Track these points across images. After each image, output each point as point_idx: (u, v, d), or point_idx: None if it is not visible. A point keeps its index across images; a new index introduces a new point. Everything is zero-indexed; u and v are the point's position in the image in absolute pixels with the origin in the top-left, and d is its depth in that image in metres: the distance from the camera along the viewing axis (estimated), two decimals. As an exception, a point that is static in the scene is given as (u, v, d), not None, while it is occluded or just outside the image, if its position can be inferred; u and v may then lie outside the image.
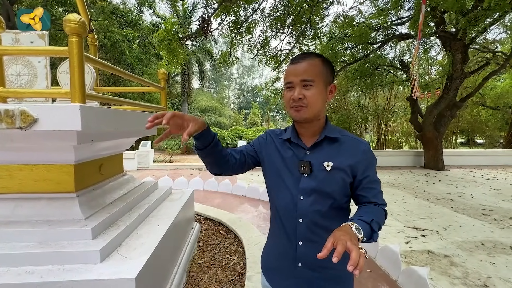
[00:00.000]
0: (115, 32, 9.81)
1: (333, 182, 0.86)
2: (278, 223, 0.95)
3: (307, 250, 0.88)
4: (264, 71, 48.23)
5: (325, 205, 0.87)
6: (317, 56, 0.87)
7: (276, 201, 0.96)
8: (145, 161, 8.36)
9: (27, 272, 1.27)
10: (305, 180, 0.88)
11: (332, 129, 0.91)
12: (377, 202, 0.87)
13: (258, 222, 3.55)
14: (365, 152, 0.89)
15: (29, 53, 1.44)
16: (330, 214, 0.87)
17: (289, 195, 0.90)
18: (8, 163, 1.58)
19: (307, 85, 0.83)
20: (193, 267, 2.32)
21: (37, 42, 1.83)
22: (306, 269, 0.89)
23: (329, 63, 0.89)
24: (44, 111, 1.23)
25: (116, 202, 1.89)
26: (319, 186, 0.86)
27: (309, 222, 0.88)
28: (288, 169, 0.91)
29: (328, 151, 0.89)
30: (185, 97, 17.81)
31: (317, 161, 0.87)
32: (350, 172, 0.86)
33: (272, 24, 4.46)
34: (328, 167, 0.86)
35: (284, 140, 0.95)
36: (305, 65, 0.84)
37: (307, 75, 0.83)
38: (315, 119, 0.89)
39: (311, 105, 0.84)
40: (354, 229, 0.71)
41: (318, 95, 0.84)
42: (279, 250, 0.96)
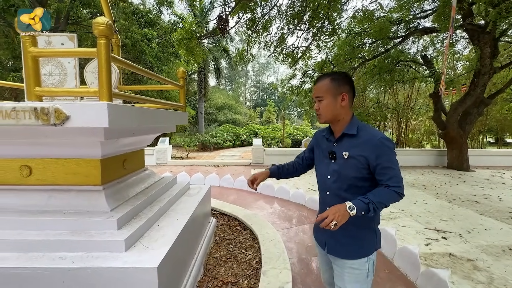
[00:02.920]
0: (136, 32, 10.13)
1: (349, 167, 1.18)
2: (319, 194, 1.37)
3: None
4: (280, 69, 47.88)
5: (343, 183, 1.20)
6: (328, 76, 1.21)
7: (317, 179, 1.37)
8: (163, 157, 8.61)
9: (60, 257, 1.38)
10: (331, 165, 1.25)
11: (351, 127, 1.21)
12: (388, 184, 1.13)
13: (273, 219, 3.58)
14: (377, 144, 1.14)
15: (63, 55, 1.55)
16: (348, 190, 1.20)
17: (322, 175, 1.31)
18: (43, 157, 1.70)
19: (319, 99, 1.22)
20: (210, 260, 2.39)
21: (67, 44, 1.95)
22: None
23: (339, 79, 1.20)
24: (75, 108, 1.31)
25: (138, 195, 1.99)
26: (339, 170, 1.21)
27: (333, 195, 1.25)
28: (323, 156, 1.32)
29: (346, 144, 1.21)
30: (201, 95, 18.11)
31: (339, 151, 1.22)
32: (364, 160, 1.15)
33: (289, 21, 4.42)
34: (346, 156, 1.19)
35: (323, 136, 1.35)
36: (317, 85, 1.24)
37: (318, 93, 1.22)
38: (334, 121, 1.24)
39: (324, 113, 1.23)
40: (347, 207, 1.07)
41: (327, 105, 1.21)
42: (319, 212, 1.35)
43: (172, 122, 2.37)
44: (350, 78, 1.23)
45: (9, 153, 1.69)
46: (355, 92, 1.25)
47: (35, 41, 1.37)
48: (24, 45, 1.32)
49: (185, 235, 1.87)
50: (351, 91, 1.21)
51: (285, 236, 3.03)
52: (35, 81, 1.35)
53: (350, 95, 1.20)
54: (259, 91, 46.24)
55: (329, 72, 1.29)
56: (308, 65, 6.75)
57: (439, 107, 8.65)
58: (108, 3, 2.63)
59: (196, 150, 13.69)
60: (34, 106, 1.29)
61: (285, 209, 4.07)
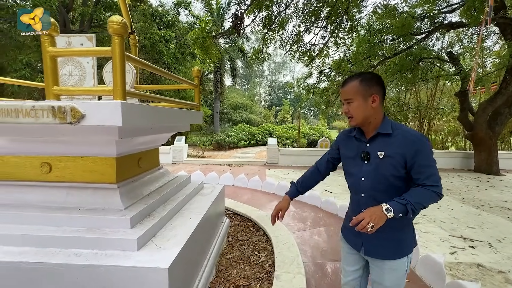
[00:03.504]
0: (154, 33, 10.38)
1: (385, 167, 1.16)
2: (351, 196, 1.36)
3: None
4: (296, 68, 47.42)
5: (380, 184, 1.18)
6: (357, 77, 1.18)
7: (347, 181, 1.35)
8: (179, 156, 8.76)
9: (75, 254, 1.40)
10: (365, 166, 1.22)
11: (385, 126, 1.19)
12: (425, 184, 1.10)
13: (287, 221, 3.51)
14: (413, 142, 1.11)
15: (79, 54, 1.57)
16: (385, 191, 1.17)
17: (354, 177, 1.27)
18: (61, 154, 1.75)
19: (348, 102, 1.21)
20: (222, 261, 2.37)
21: (86, 44, 2.00)
22: None
23: (368, 80, 1.17)
24: (90, 107, 1.32)
25: (152, 194, 2.00)
26: (374, 170, 1.18)
27: (368, 197, 1.22)
28: (354, 158, 1.28)
29: (381, 143, 1.18)
30: (217, 95, 18.27)
31: (373, 151, 1.19)
32: (401, 159, 1.12)
33: (305, 18, 4.32)
34: (381, 156, 1.16)
35: (352, 136, 1.30)
36: (345, 88, 1.21)
37: (347, 95, 1.20)
38: (365, 122, 1.21)
39: (354, 115, 1.20)
40: (384, 209, 1.04)
41: (357, 107, 1.18)
42: (351, 214, 1.33)
43: (186, 121, 2.37)
44: (380, 78, 1.20)
45: (31, 151, 1.75)
46: (385, 92, 1.22)
47: (53, 41, 1.39)
48: (43, 45, 1.35)
49: (198, 235, 1.85)
50: (381, 91, 1.19)
51: (299, 239, 2.96)
52: (54, 80, 1.38)
53: (381, 95, 1.18)
54: (274, 90, 46.03)
55: (358, 72, 1.26)
56: (325, 63, 6.59)
57: (466, 106, 8.14)
58: (126, 4, 2.67)
59: (211, 149, 13.83)
60: (52, 105, 1.31)
61: (299, 211, 3.98)
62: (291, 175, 7.04)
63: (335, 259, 2.56)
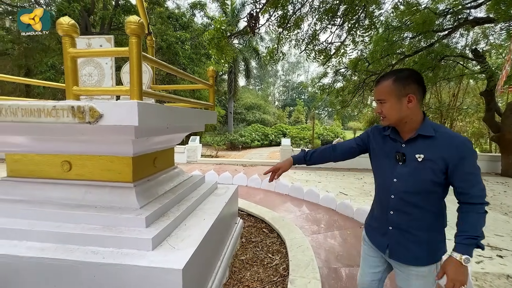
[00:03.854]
0: (170, 35, 10.59)
1: (423, 171, 1.09)
2: (378, 196, 1.30)
3: (397, 218, 1.19)
4: (310, 68, 46.91)
5: (414, 188, 1.12)
6: (390, 76, 1.13)
7: (376, 180, 1.31)
8: (194, 155, 8.87)
9: (92, 252, 1.42)
10: (399, 167, 1.16)
11: (427, 128, 1.11)
12: (472, 202, 1.05)
13: (301, 223, 3.44)
14: (458, 146, 1.04)
15: (97, 55, 1.60)
16: (418, 195, 1.12)
17: (385, 177, 1.22)
18: (81, 153, 1.79)
19: (381, 102, 1.16)
20: (235, 262, 2.35)
21: (105, 45, 2.04)
22: (395, 232, 1.20)
23: (403, 79, 1.10)
24: (108, 107, 1.34)
25: (167, 193, 2.01)
26: (410, 173, 1.12)
27: (399, 199, 1.16)
28: (387, 157, 1.22)
29: (421, 145, 1.11)
30: (231, 95, 18.38)
31: (411, 153, 1.13)
32: (442, 164, 1.06)
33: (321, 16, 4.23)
34: (420, 158, 1.10)
35: (386, 136, 1.24)
36: (378, 87, 1.17)
37: (380, 96, 1.16)
38: (400, 123, 1.16)
39: (388, 116, 1.15)
40: (464, 262, 1.01)
41: (390, 108, 1.13)
42: (377, 214, 1.31)
43: (201, 121, 2.37)
44: (418, 76, 1.12)
45: (52, 149, 1.81)
46: (425, 90, 1.14)
47: (74, 43, 1.42)
48: (64, 46, 1.38)
49: (212, 235, 1.84)
50: (419, 89, 1.11)
51: (314, 242, 2.88)
52: (74, 81, 1.41)
53: (418, 95, 1.11)
54: (288, 90, 45.76)
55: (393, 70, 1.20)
56: (341, 62, 6.44)
57: (492, 106, 7.70)
58: (143, 6, 2.72)
59: (225, 149, 13.92)
60: (72, 105, 1.34)
61: (314, 213, 3.90)
62: (305, 176, 6.94)
63: (351, 264, 2.48)
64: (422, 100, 1.16)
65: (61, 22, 1.36)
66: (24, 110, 1.39)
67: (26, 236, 1.52)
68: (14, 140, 1.79)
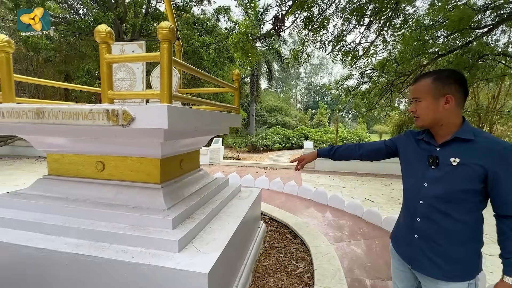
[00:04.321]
0: (196, 40, 10.89)
1: (458, 176, 1.02)
2: (405, 202, 1.23)
3: (424, 226, 1.12)
4: (334, 69, 45.89)
5: (446, 194, 1.04)
6: (431, 75, 1.08)
7: (405, 184, 1.24)
8: (216, 157, 9.00)
9: (122, 250, 1.47)
10: (431, 171, 1.10)
11: (466, 131, 1.04)
12: None
13: (325, 230, 3.32)
14: (501, 153, 0.96)
15: (130, 60, 1.66)
16: (450, 202, 1.04)
17: (415, 181, 1.15)
18: (113, 154, 1.87)
19: (416, 101, 1.12)
20: (258, 268, 2.31)
21: (137, 51, 2.13)
22: (421, 241, 1.13)
23: (443, 78, 1.05)
24: (139, 110, 1.38)
25: (192, 196, 2.03)
26: (442, 178, 1.06)
27: (428, 205, 1.10)
28: (418, 161, 1.16)
29: (457, 149, 1.04)
30: (253, 98, 18.49)
31: (445, 156, 1.06)
32: (480, 171, 0.97)
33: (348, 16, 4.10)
34: (455, 162, 1.03)
35: (420, 139, 1.19)
36: (415, 86, 1.13)
37: (415, 94, 1.12)
38: (435, 125, 1.10)
39: (421, 116, 1.11)
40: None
41: (425, 108, 1.08)
42: (403, 222, 1.24)
43: (226, 124, 2.38)
44: (460, 77, 1.06)
45: (88, 150, 1.90)
46: (467, 92, 1.08)
47: (110, 49, 1.49)
48: (101, 52, 1.44)
49: (236, 239, 1.83)
50: (460, 91, 1.05)
51: (339, 251, 2.76)
52: (109, 85, 1.47)
53: (458, 96, 1.05)
54: (310, 93, 45.11)
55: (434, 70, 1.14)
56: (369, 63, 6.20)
57: (540, 109, 6.94)
58: (173, 13, 2.81)
59: (246, 151, 13.99)
60: (107, 108, 1.40)
61: (339, 220, 3.75)
62: (328, 181, 6.74)
63: (380, 277, 2.33)
64: (463, 103, 1.08)
65: (99, 30, 1.43)
66: (64, 113, 1.47)
67: (63, 232, 1.60)
68: (54, 141, 1.92)
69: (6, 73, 1.65)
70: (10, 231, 1.65)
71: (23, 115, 1.55)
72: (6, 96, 1.67)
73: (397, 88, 7.82)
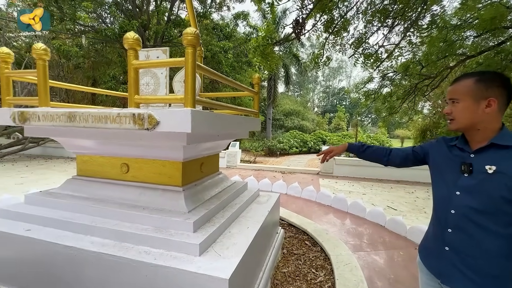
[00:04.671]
0: (215, 45, 11.12)
1: (493, 185, 0.95)
2: (435, 211, 1.17)
3: (456, 238, 1.05)
4: (353, 73, 44.97)
5: (480, 203, 0.97)
6: (473, 76, 1.02)
7: (435, 193, 1.18)
8: (233, 160, 9.06)
9: (145, 252, 1.49)
10: (464, 179, 1.03)
11: (504, 137, 0.98)
12: None
13: (346, 238, 3.21)
14: None
15: (156, 65, 1.71)
16: (485, 212, 0.97)
17: (446, 189, 1.10)
18: (138, 157, 1.92)
19: (453, 102, 1.06)
20: (277, 274, 2.27)
21: (161, 57, 2.19)
22: (452, 253, 1.06)
23: (487, 80, 0.98)
24: (164, 114, 1.41)
25: (212, 199, 2.04)
26: (476, 186, 0.99)
27: (460, 215, 1.03)
28: (450, 168, 1.10)
29: (494, 156, 0.98)
30: (270, 101, 18.49)
31: (479, 163, 1.00)
32: None
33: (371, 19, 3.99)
34: (490, 170, 0.96)
35: (453, 145, 1.13)
36: (454, 86, 1.07)
37: (453, 94, 1.06)
38: (471, 129, 1.04)
39: (457, 119, 1.05)
40: None
41: (463, 110, 1.02)
42: (432, 233, 1.18)
43: (246, 128, 2.38)
44: (507, 80, 1.00)
45: (114, 152, 1.98)
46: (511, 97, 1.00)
47: (137, 55, 1.54)
48: (129, 59, 1.50)
49: (255, 245, 1.80)
50: (503, 95, 0.99)
51: (361, 260, 2.65)
52: (135, 90, 1.52)
53: (501, 100, 0.98)
54: (328, 96, 44.44)
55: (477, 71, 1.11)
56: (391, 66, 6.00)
57: None
58: (195, 19, 2.88)
59: (262, 155, 13.97)
60: (133, 112, 1.44)
61: (359, 228, 3.62)
62: (347, 186, 6.55)
63: (406, 291, 2.21)
64: (505, 108, 1.01)
65: (127, 37, 1.48)
66: (94, 117, 1.54)
67: (90, 231, 1.66)
68: (84, 143, 2.01)
69: (42, 79, 1.76)
70: (42, 228, 1.73)
71: (56, 119, 1.64)
72: (42, 100, 1.77)
73: (421, 91, 7.49)
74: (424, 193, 6.12)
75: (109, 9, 10.78)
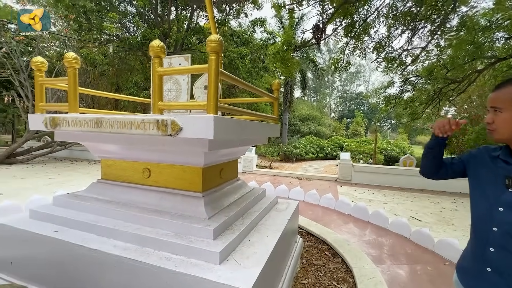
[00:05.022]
0: (232, 51, 11.29)
1: None
2: (474, 229, 1.10)
3: (499, 258, 0.97)
4: (371, 77, 43.94)
5: None
6: None
7: (474, 208, 1.10)
8: (249, 166, 9.05)
9: (166, 258, 1.49)
10: (509, 194, 0.96)
11: None
12: None
13: (368, 249, 3.07)
14: None
15: (180, 72, 1.74)
16: None
17: (487, 204, 1.02)
18: (159, 162, 1.95)
19: (496, 110, 0.99)
20: (296, 286, 2.20)
21: (183, 63, 2.23)
22: (494, 274, 0.98)
23: None
24: (187, 121, 1.41)
25: (231, 206, 2.02)
26: None
27: (504, 233, 0.95)
28: (492, 181, 1.02)
29: None
30: (286, 106, 18.41)
31: None
32: None
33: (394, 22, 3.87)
34: None
35: (496, 157, 1.04)
36: (497, 93, 1.00)
37: (496, 102, 0.99)
38: None
39: (499, 129, 0.99)
40: None
41: (506, 120, 0.96)
42: (471, 252, 1.10)
43: (266, 134, 2.36)
44: None
45: (136, 157, 2.02)
46: None
47: (161, 62, 1.57)
48: (154, 66, 1.53)
49: (275, 255, 1.75)
50: None
51: (385, 275, 2.52)
52: (159, 96, 1.54)
53: None
54: (346, 101, 43.64)
55: None
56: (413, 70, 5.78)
57: None
58: (216, 26, 2.92)
59: (278, 160, 13.87)
60: (157, 119, 1.46)
61: (382, 239, 3.45)
62: (367, 195, 6.32)
63: (436, 310, 2.05)
64: None
65: (153, 45, 1.52)
66: (120, 122, 1.57)
67: (113, 234, 1.69)
68: (109, 148, 2.07)
69: (72, 86, 1.84)
70: (67, 230, 1.79)
71: (84, 124, 1.70)
72: (72, 106, 1.85)
73: (446, 96, 7.14)
74: (450, 203, 5.78)
75: (133, 19, 11.30)
